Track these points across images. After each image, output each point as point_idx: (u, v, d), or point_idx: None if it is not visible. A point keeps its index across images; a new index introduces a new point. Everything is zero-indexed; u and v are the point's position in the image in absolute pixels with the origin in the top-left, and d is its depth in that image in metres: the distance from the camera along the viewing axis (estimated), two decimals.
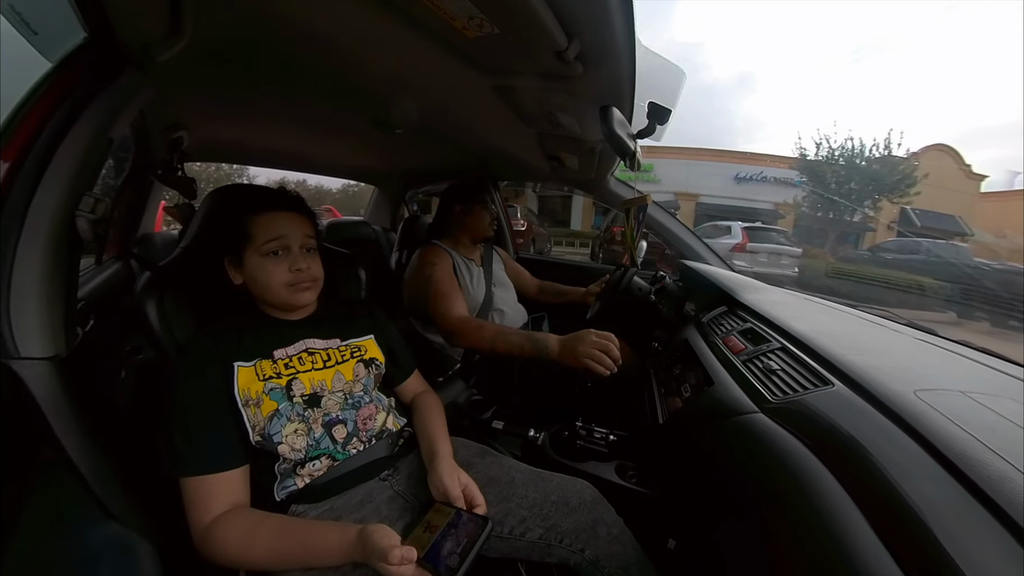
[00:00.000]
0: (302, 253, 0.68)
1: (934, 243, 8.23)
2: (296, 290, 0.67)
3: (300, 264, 0.66)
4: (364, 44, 0.67)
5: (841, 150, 12.70)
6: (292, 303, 0.68)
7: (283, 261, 0.66)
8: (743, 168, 14.12)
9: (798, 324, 0.73)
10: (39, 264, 0.52)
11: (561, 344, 0.87)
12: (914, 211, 13.07)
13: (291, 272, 0.66)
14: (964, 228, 13.06)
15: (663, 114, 0.78)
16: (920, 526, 0.32)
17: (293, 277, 0.66)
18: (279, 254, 0.66)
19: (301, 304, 0.69)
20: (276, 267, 0.66)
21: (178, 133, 1.17)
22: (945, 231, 12.70)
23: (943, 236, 12.62)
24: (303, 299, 0.68)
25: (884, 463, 0.38)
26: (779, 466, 0.46)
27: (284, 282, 0.66)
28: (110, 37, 0.55)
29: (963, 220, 13.14)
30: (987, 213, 14.84)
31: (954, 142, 38.28)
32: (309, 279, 0.68)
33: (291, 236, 0.66)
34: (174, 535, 0.53)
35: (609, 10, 0.52)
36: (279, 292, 0.66)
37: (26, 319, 0.51)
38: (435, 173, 1.96)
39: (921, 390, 0.47)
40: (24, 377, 0.50)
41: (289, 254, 0.66)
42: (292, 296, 0.67)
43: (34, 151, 0.52)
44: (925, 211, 13.03)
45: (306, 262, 0.67)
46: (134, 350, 0.70)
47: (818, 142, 12.96)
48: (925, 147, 14.42)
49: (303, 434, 0.62)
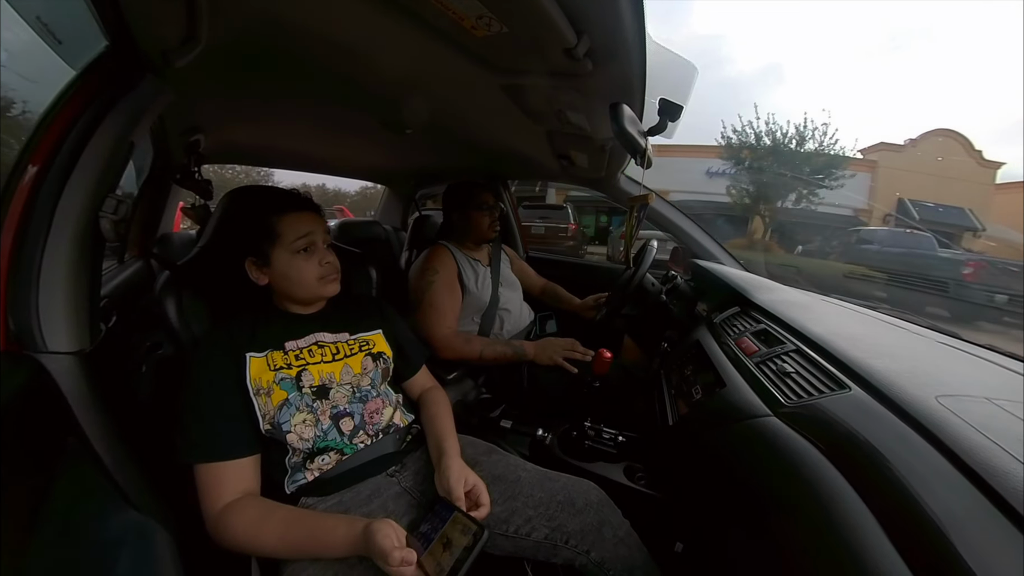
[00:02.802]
0: (325, 248, 0.72)
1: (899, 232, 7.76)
2: (326, 282, 0.71)
3: (329, 257, 0.71)
4: (374, 46, 0.68)
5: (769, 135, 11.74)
6: (323, 294, 0.72)
7: (312, 256, 0.70)
8: (714, 163, 13.50)
9: (814, 326, 0.71)
10: (65, 263, 0.55)
11: (536, 348, 1.11)
12: (913, 203, 12.03)
13: (321, 266, 0.70)
14: (974, 222, 11.90)
15: (674, 111, 0.77)
16: (940, 539, 0.31)
17: (323, 270, 0.70)
18: (308, 250, 0.69)
19: (330, 294, 0.73)
20: (307, 263, 0.69)
21: (195, 136, 1.20)
22: (951, 225, 11.72)
23: (949, 231, 11.70)
24: (332, 289, 0.72)
25: (903, 471, 0.37)
26: (793, 472, 0.45)
27: (316, 276, 0.70)
28: (130, 45, 0.57)
29: (973, 213, 11.97)
30: (1009, 206, 13.48)
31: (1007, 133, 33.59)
32: (335, 271, 0.72)
33: (316, 233, 0.70)
34: (191, 524, 0.55)
35: (619, 6, 0.51)
36: (311, 286, 0.70)
37: (53, 315, 0.54)
38: (445, 172, 1.97)
39: (943, 396, 0.45)
40: (51, 370, 0.53)
41: (317, 250, 0.70)
42: (323, 288, 0.71)
43: (60, 156, 0.54)
44: (925, 203, 11.94)
45: (330, 256, 0.72)
46: (154, 346, 0.73)
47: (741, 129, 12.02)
48: (925, 132, 13.17)
49: (311, 424, 0.63)
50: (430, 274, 1.16)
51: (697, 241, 1.42)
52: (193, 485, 0.57)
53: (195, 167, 1.32)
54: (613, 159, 1.25)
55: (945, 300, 3.59)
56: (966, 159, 12.68)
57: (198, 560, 0.52)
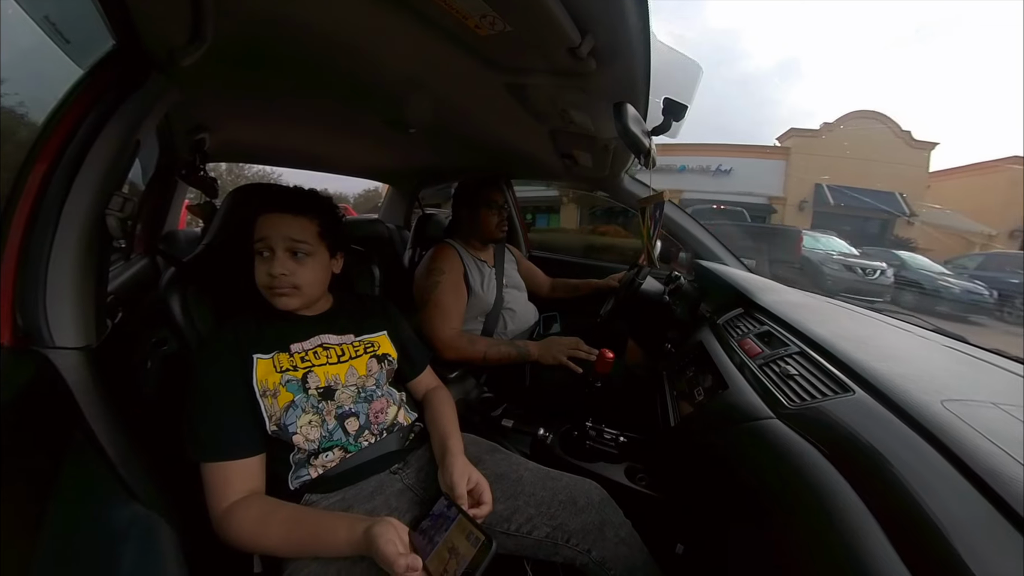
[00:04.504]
0: (288, 257, 0.65)
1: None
2: (272, 294, 0.65)
3: (276, 269, 0.64)
4: (378, 45, 0.68)
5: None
6: (274, 304, 0.66)
7: (264, 263, 0.65)
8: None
9: (818, 328, 0.71)
10: (72, 260, 0.55)
11: (540, 348, 1.11)
12: (832, 188, 11.56)
13: (269, 275, 0.64)
14: (902, 207, 11.44)
15: (679, 110, 0.76)
16: (944, 545, 0.31)
17: (268, 281, 0.64)
18: (264, 255, 0.65)
19: (281, 308, 0.67)
20: (259, 267, 0.66)
21: (201, 134, 1.21)
22: (879, 211, 11.34)
23: (875, 216, 11.39)
24: (280, 304, 0.66)
25: (907, 476, 0.37)
26: (794, 474, 0.44)
27: (262, 284, 0.66)
28: (137, 44, 0.57)
29: (904, 198, 11.56)
30: (954, 191, 12.55)
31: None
32: (287, 285, 0.64)
33: (273, 238, 0.64)
34: (195, 519, 0.56)
35: (623, 5, 0.51)
36: (263, 293, 0.66)
37: (60, 311, 0.54)
38: (448, 171, 1.97)
39: (949, 400, 0.45)
40: (58, 365, 0.53)
41: (270, 258, 0.65)
42: (270, 299, 0.66)
43: (67, 154, 0.55)
44: (844, 189, 11.42)
45: (288, 267, 0.64)
46: (159, 342, 0.73)
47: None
48: (842, 116, 12.31)
49: (317, 425, 0.63)
50: (436, 274, 1.16)
51: (700, 241, 1.41)
52: (197, 480, 0.57)
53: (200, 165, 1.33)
54: (617, 159, 1.24)
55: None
56: (893, 140, 12.16)
57: (201, 553, 0.52)
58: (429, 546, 0.52)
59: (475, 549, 0.50)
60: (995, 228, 11.00)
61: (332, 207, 0.73)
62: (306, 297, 0.68)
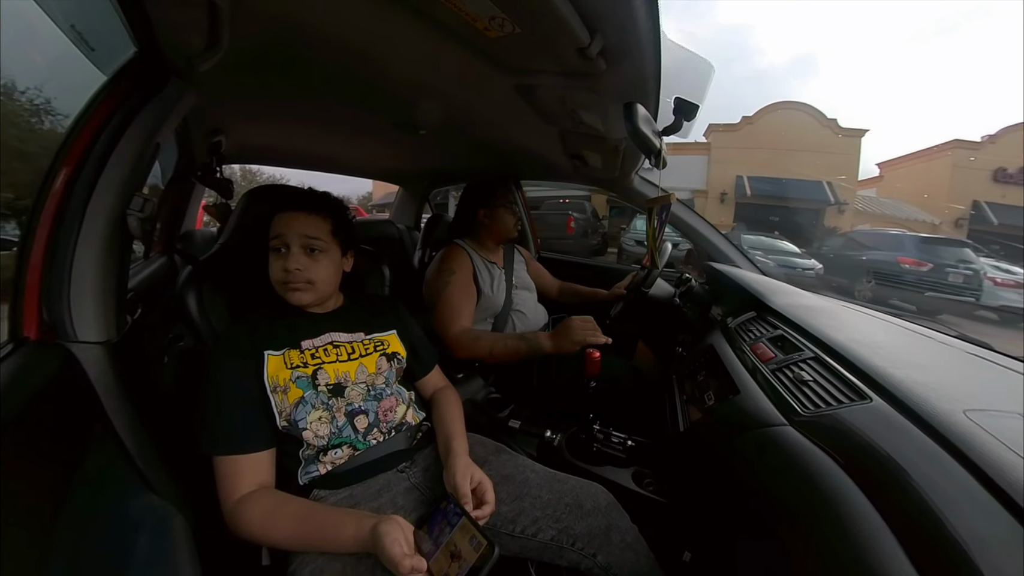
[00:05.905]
0: (303, 253, 0.68)
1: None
2: (286, 289, 0.68)
3: (291, 264, 0.66)
4: (389, 49, 0.69)
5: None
6: (287, 299, 0.69)
7: (279, 258, 0.68)
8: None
9: (834, 333, 0.69)
10: (95, 258, 0.57)
11: (553, 338, 1.00)
12: (752, 179, 11.44)
13: (285, 271, 0.67)
14: (828, 196, 11.24)
15: (690, 110, 0.75)
16: (965, 562, 0.29)
17: (284, 276, 0.67)
18: (281, 251, 0.68)
19: (294, 303, 0.69)
20: (274, 263, 0.68)
21: (217, 137, 1.24)
22: (806, 200, 11.21)
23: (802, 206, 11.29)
24: (293, 299, 0.68)
25: (926, 488, 0.35)
26: (808, 483, 0.43)
27: (277, 280, 0.68)
28: (157, 51, 0.59)
29: (832, 187, 11.31)
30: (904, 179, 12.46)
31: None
32: (302, 280, 0.67)
33: (288, 235, 0.67)
34: (207, 510, 0.57)
35: (632, 4, 0.50)
36: (278, 288, 0.69)
37: (83, 307, 0.57)
38: (458, 172, 1.98)
39: (972, 410, 0.43)
40: (80, 359, 0.55)
41: (286, 253, 0.67)
42: (284, 294, 0.68)
43: (92, 156, 0.57)
44: (766, 179, 11.32)
45: (302, 262, 0.67)
46: (176, 338, 0.75)
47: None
48: (761, 109, 12.44)
49: (327, 422, 0.64)
50: (447, 274, 1.17)
51: (712, 243, 1.39)
52: (210, 473, 0.59)
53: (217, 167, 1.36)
54: (627, 159, 1.23)
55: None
56: (819, 129, 12.01)
57: (212, 543, 0.54)
58: (433, 547, 0.52)
59: (477, 554, 0.50)
60: (939, 217, 10.89)
61: (343, 208, 0.75)
62: (319, 293, 0.70)
